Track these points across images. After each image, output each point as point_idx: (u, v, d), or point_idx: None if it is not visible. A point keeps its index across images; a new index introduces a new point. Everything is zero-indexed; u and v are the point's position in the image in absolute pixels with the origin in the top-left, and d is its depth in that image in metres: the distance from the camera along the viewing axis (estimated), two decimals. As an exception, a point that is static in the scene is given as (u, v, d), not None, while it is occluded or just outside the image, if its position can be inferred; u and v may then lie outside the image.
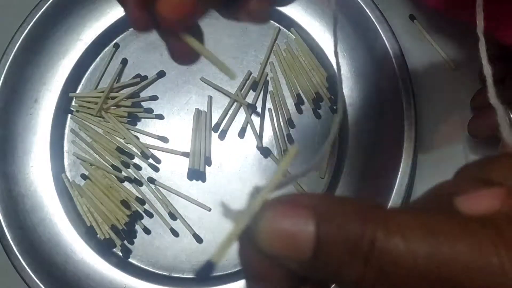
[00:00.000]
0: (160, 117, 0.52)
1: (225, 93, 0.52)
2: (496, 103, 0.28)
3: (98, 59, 0.54)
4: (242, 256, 0.21)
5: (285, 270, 0.19)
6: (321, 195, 0.20)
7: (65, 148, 0.53)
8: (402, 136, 0.45)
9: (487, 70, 0.29)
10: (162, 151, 0.52)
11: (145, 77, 0.53)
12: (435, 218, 0.18)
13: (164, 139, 0.52)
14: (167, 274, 0.49)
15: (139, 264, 0.49)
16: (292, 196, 0.20)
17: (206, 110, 0.52)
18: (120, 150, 0.51)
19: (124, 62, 0.54)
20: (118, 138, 0.52)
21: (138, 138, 0.52)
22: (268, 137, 0.51)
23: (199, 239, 0.49)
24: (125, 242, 0.50)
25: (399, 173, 0.44)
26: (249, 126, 0.51)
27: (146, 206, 0.50)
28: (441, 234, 0.17)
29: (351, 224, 0.18)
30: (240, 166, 0.50)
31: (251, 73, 0.52)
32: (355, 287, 0.18)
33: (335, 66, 0.46)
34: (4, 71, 0.51)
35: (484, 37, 0.30)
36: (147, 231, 0.50)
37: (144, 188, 0.51)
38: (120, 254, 0.50)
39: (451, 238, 0.17)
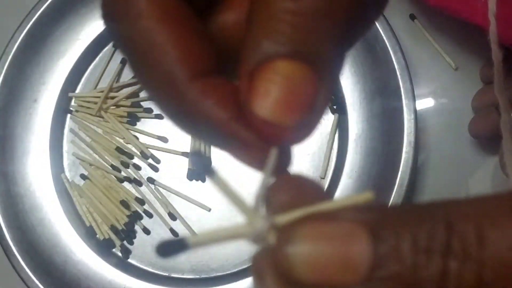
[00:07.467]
0: (159, 117, 0.52)
1: (225, 93, 0.52)
2: (501, 94, 0.28)
3: (97, 58, 0.54)
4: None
5: None
6: (361, 207, 0.16)
7: (65, 148, 0.53)
8: (402, 136, 0.45)
9: (496, 54, 0.29)
10: (162, 151, 0.51)
11: (145, 77, 0.53)
12: None
13: (163, 139, 0.52)
14: (167, 274, 0.49)
15: (138, 265, 0.49)
16: (326, 211, 0.16)
17: (206, 110, 0.52)
18: (120, 150, 0.51)
19: (124, 61, 0.53)
20: (117, 138, 0.52)
21: (137, 138, 0.52)
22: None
23: (198, 240, 0.49)
24: (125, 242, 0.50)
25: (399, 173, 0.44)
26: (249, 126, 0.51)
27: (146, 206, 0.50)
28: None
29: (416, 226, 0.15)
30: (240, 166, 0.50)
31: (251, 73, 0.52)
32: None
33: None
34: (3, 71, 0.51)
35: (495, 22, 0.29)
36: (146, 231, 0.50)
37: (143, 188, 0.51)
38: (120, 254, 0.49)
39: None
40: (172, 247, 0.15)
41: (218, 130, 0.18)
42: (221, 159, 0.50)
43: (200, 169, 0.17)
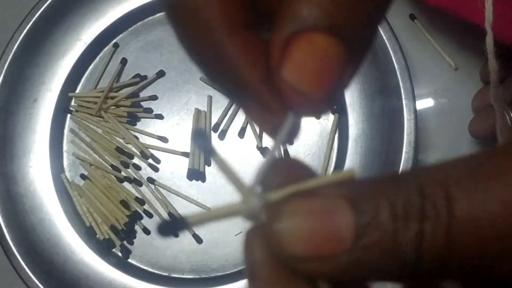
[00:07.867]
0: (159, 117, 0.52)
1: (225, 93, 0.52)
2: (497, 101, 0.28)
3: (97, 58, 0.54)
4: (250, 259, 0.17)
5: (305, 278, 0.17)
6: (341, 184, 0.17)
7: (65, 148, 0.53)
8: (402, 136, 0.45)
9: (493, 65, 0.29)
10: (162, 151, 0.51)
11: (145, 77, 0.53)
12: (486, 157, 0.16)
13: (163, 139, 0.52)
14: (167, 274, 0.49)
15: (138, 265, 0.49)
16: (311, 188, 0.17)
17: (206, 110, 0.52)
18: (120, 150, 0.51)
19: (124, 61, 0.54)
20: (117, 138, 0.52)
21: (137, 138, 0.52)
22: (268, 137, 0.50)
23: (198, 240, 0.49)
24: (125, 242, 0.50)
25: (399, 173, 0.44)
26: (249, 126, 0.51)
27: (146, 206, 0.50)
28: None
29: (392, 191, 0.16)
30: (240, 166, 0.50)
31: (251, 73, 0.52)
32: (413, 257, 0.16)
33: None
34: (3, 71, 0.51)
35: (492, 32, 0.29)
36: (146, 231, 0.50)
37: (143, 188, 0.51)
38: (120, 254, 0.49)
39: None
40: (172, 225, 0.16)
41: (244, 87, 0.19)
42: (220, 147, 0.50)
43: (202, 148, 0.17)
